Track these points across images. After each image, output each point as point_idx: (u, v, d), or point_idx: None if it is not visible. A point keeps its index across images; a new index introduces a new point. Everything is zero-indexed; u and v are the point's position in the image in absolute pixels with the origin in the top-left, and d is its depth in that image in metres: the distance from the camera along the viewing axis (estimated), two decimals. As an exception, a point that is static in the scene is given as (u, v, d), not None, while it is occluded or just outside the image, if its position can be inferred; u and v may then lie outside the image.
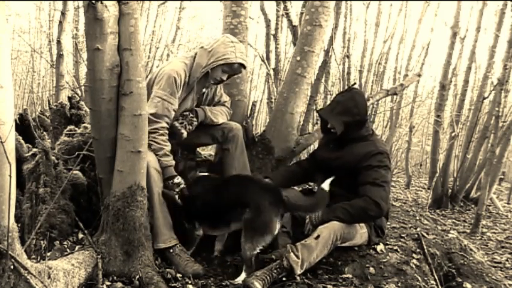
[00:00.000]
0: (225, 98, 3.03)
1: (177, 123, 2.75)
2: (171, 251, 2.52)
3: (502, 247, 4.37)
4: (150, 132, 2.49)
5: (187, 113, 2.82)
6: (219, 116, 2.93)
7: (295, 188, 2.96)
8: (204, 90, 2.89)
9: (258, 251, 2.37)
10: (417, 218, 3.49)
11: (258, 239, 2.36)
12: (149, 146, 2.48)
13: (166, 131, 2.64)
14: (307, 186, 3.33)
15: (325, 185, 2.51)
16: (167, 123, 2.64)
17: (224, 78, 2.79)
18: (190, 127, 2.80)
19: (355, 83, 2.90)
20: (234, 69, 2.77)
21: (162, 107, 2.60)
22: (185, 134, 2.76)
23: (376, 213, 2.48)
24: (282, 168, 3.11)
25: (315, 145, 4.92)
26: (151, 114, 2.53)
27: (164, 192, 2.53)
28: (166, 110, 2.61)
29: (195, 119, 2.82)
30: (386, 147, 2.85)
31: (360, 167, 2.52)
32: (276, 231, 2.42)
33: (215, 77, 2.76)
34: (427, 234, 2.88)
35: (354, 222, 2.51)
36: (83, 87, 6.52)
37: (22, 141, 2.72)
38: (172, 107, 2.65)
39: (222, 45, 2.70)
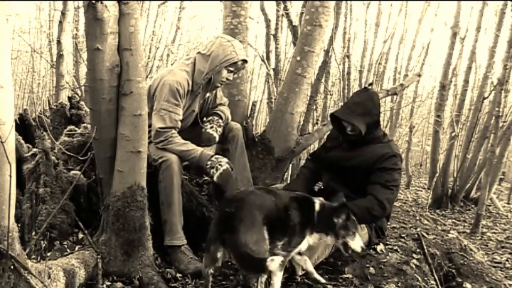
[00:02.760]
0: (224, 99, 3.04)
1: (208, 129, 2.79)
2: (181, 249, 2.55)
3: (502, 247, 4.36)
4: (165, 140, 2.59)
5: (211, 117, 2.85)
6: (229, 115, 2.97)
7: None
8: (208, 94, 2.89)
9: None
10: (417, 218, 3.49)
11: None
12: (170, 150, 2.58)
13: (178, 135, 2.67)
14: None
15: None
16: (176, 131, 2.68)
17: (230, 78, 2.79)
18: (220, 129, 2.83)
19: (371, 83, 2.90)
20: (238, 67, 2.78)
21: (170, 119, 2.62)
22: (217, 137, 2.80)
23: (379, 214, 2.49)
24: (296, 179, 2.95)
25: (315, 145, 4.93)
26: (160, 128, 2.59)
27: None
28: (174, 121, 2.64)
29: (221, 121, 2.85)
30: (400, 150, 2.86)
31: (375, 167, 2.52)
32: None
33: (221, 80, 2.76)
34: (427, 234, 2.89)
35: (358, 222, 2.51)
36: (83, 87, 6.51)
37: (22, 141, 2.71)
38: (179, 117, 2.67)
39: (220, 47, 2.69)
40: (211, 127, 2.80)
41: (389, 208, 2.50)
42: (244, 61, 2.78)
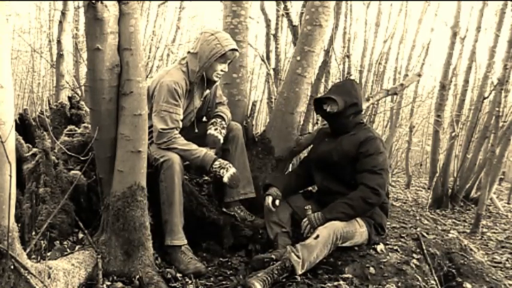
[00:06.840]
0: (224, 98, 3.04)
1: (212, 131, 2.77)
2: (181, 249, 2.55)
3: (502, 247, 4.36)
4: (168, 141, 2.60)
5: (214, 119, 2.84)
6: (230, 116, 2.96)
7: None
8: (206, 92, 2.89)
9: None
10: (417, 218, 3.49)
11: None
12: (173, 151, 2.59)
13: (180, 136, 2.67)
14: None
15: None
16: (178, 131, 2.68)
17: (225, 69, 2.79)
18: (224, 131, 2.82)
19: (350, 74, 3.06)
20: (228, 57, 2.74)
21: (171, 120, 2.63)
22: (222, 139, 2.79)
23: (375, 201, 2.52)
24: (281, 177, 2.95)
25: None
26: (162, 129, 2.59)
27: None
28: (175, 122, 2.65)
29: (224, 123, 2.84)
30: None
31: (359, 152, 2.59)
32: None
33: (215, 74, 2.76)
34: (427, 234, 2.88)
35: (357, 214, 2.53)
36: (83, 87, 6.51)
37: (22, 141, 2.71)
38: (179, 117, 2.68)
39: (204, 43, 2.69)
40: (216, 129, 2.78)
41: (383, 193, 2.54)
42: (234, 50, 2.74)
